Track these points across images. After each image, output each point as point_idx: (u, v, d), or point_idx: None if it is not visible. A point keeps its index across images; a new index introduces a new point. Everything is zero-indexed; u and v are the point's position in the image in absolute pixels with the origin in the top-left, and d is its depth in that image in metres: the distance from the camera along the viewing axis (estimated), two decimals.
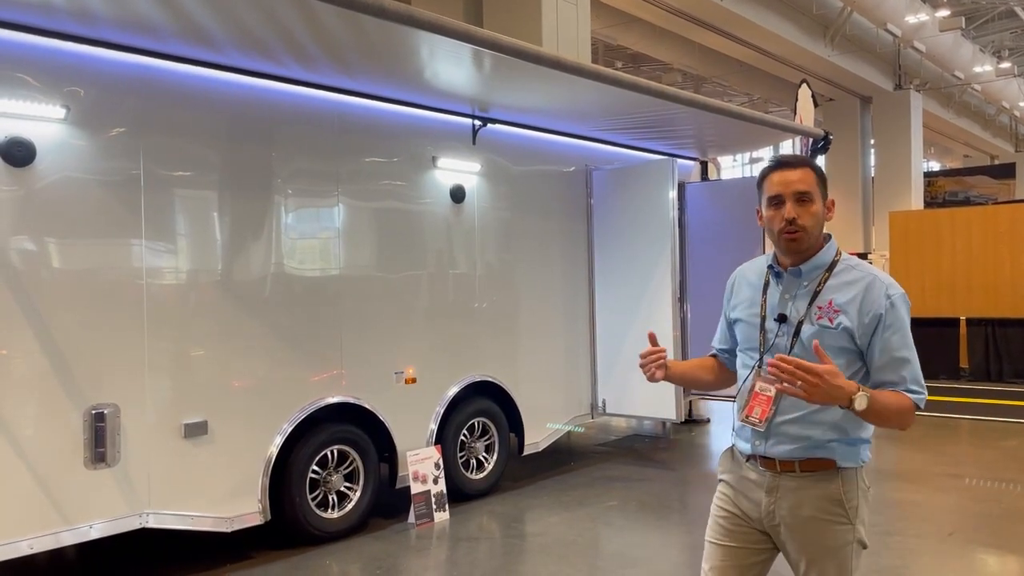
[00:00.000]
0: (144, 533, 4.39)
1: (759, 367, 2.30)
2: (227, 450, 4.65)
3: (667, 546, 5.08)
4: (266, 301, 4.87)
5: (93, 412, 4.12)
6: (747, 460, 2.35)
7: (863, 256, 20.37)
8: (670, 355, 6.71)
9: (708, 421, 8.96)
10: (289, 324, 4.97)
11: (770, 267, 2.36)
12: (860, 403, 2.05)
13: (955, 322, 11.96)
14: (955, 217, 12.39)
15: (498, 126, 6.28)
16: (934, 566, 4.67)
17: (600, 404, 7.22)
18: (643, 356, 2.49)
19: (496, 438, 6.28)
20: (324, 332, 5.15)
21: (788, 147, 13.21)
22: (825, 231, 2.33)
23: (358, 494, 5.29)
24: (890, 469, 6.90)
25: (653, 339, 2.57)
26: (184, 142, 4.52)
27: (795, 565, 2.32)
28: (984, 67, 25.26)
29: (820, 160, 8.81)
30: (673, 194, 6.80)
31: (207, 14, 3.94)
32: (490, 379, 6.23)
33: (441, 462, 5.65)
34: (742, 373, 2.40)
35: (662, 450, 7.71)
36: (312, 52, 4.54)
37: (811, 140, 7.99)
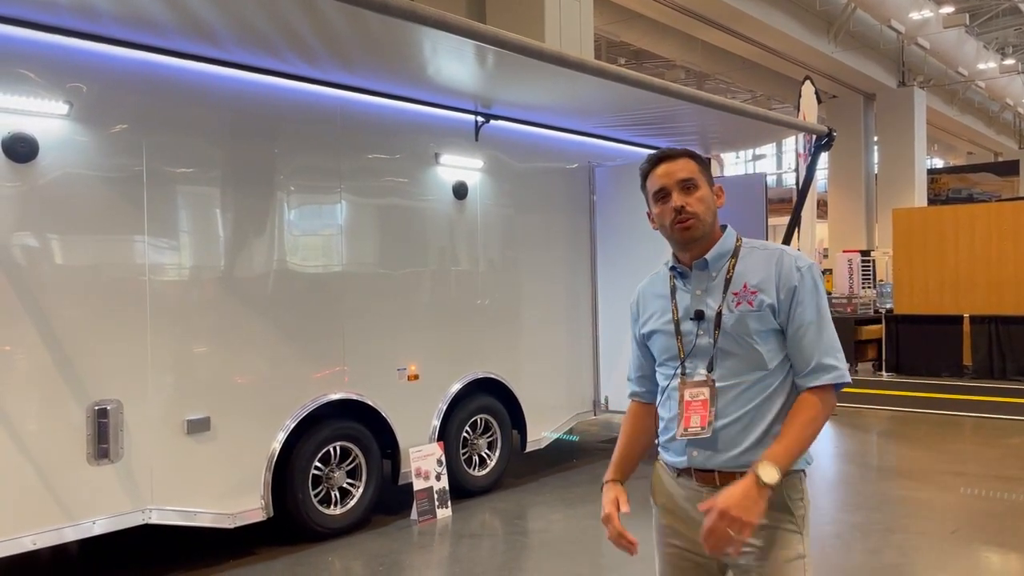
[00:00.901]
0: (147, 529, 4.39)
1: (682, 374, 2.10)
2: (230, 446, 4.65)
3: None
4: (269, 298, 4.87)
5: (96, 408, 4.12)
6: (678, 475, 2.12)
7: (866, 254, 20.34)
8: None
9: None
10: (292, 320, 4.97)
11: (672, 268, 2.22)
12: (769, 475, 1.85)
13: (958, 319, 11.93)
14: (958, 214, 12.36)
15: (501, 122, 6.28)
16: (936, 564, 4.66)
17: (603, 401, 7.22)
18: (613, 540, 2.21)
19: (498, 435, 6.28)
20: (327, 328, 5.15)
21: (791, 144, 13.18)
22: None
23: (360, 490, 5.29)
24: (892, 467, 6.90)
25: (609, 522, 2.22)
26: (187, 138, 4.52)
27: None
28: (988, 64, 25.19)
29: (823, 157, 8.79)
30: None
31: (210, 10, 3.94)
32: (493, 376, 6.23)
33: (443, 459, 5.65)
34: (665, 387, 2.16)
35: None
36: (315, 48, 4.53)
37: (814, 137, 7.97)
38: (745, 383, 2.04)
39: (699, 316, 2.09)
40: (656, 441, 2.22)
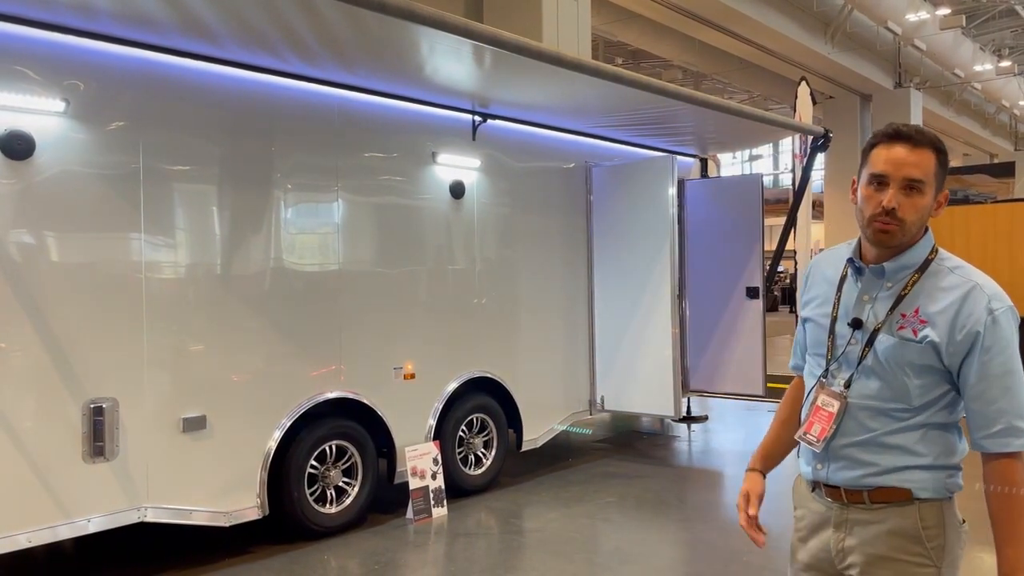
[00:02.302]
0: (142, 527, 4.39)
1: (824, 378, 1.95)
2: (226, 445, 4.65)
3: (665, 543, 5.09)
4: (265, 296, 4.87)
5: (92, 406, 4.12)
6: (812, 489, 2.02)
7: None
8: (667, 352, 6.77)
9: (706, 418, 8.97)
10: (288, 319, 4.97)
11: (850, 260, 1.95)
12: None
13: None
14: (954, 216, 12.38)
15: (498, 122, 6.28)
16: None
17: (599, 400, 7.23)
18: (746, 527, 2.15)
19: (494, 434, 6.29)
20: (323, 327, 5.15)
21: (788, 144, 13.19)
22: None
23: (356, 489, 5.29)
24: None
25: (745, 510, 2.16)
26: (184, 136, 4.52)
27: None
28: (984, 65, 25.25)
29: (820, 158, 8.81)
30: (673, 191, 6.80)
31: (208, 8, 3.93)
32: (489, 375, 6.23)
33: (439, 458, 5.66)
34: (808, 382, 2.04)
35: (660, 447, 7.72)
36: (313, 47, 4.53)
37: (811, 138, 7.99)
38: (881, 409, 1.87)
39: (856, 324, 1.91)
40: (796, 436, 2.05)
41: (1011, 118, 33.99)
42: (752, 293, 7.73)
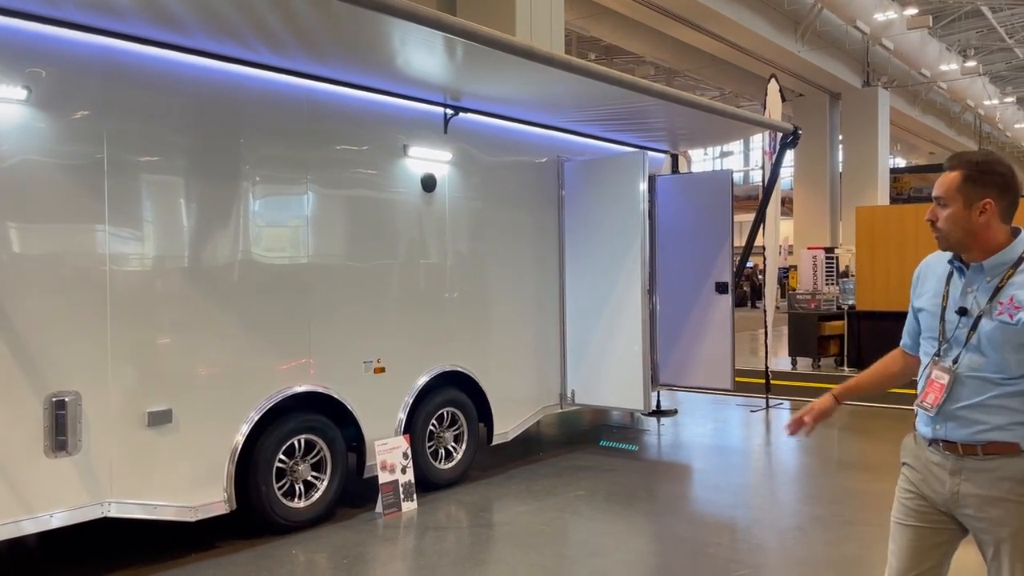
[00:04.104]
0: (107, 523, 4.33)
1: (937, 356, 2.42)
2: (192, 439, 4.60)
3: (633, 535, 5.12)
4: (233, 289, 4.82)
5: (54, 400, 4.05)
6: (929, 444, 2.46)
7: (829, 251, 20.61)
8: (637, 347, 6.81)
9: (675, 412, 9.04)
10: (257, 312, 4.92)
11: (951, 261, 2.45)
12: None
13: None
14: (920, 213, 12.49)
15: (470, 115, 6.26)
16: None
17: (569, 395, 7.26)
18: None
19: (465, 428, 6.29)
20: (292, 321, 5.11)
21: (759, 141, 13.31)
22: (1014, 225, 2.39)
23: (325, 483, 5.26)
24: (852, 460, 7.02)
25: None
26: (150, 126, 4.45)
27: (983, 546, 2.38)
28: (950, 65, 25.67)
29: (789, 155, 8.90)
30: (644, 186, 6.83)
31: None
32: (460, 369, 6.22)
33: (409, 452, 5.64)
34: (923, 360, 2.52)
35: (630, 440, 7.76)
36: (282, 37, 4.48)
37: (780, 135, 8.07)
38: (986, 378, 2.31)
39: (962, 312, 2.37)
40: (914, 405, 2.53)
41: (976, 118, 34.60)
42: (721, 288, 7.80)
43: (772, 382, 9.88)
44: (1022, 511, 2.30)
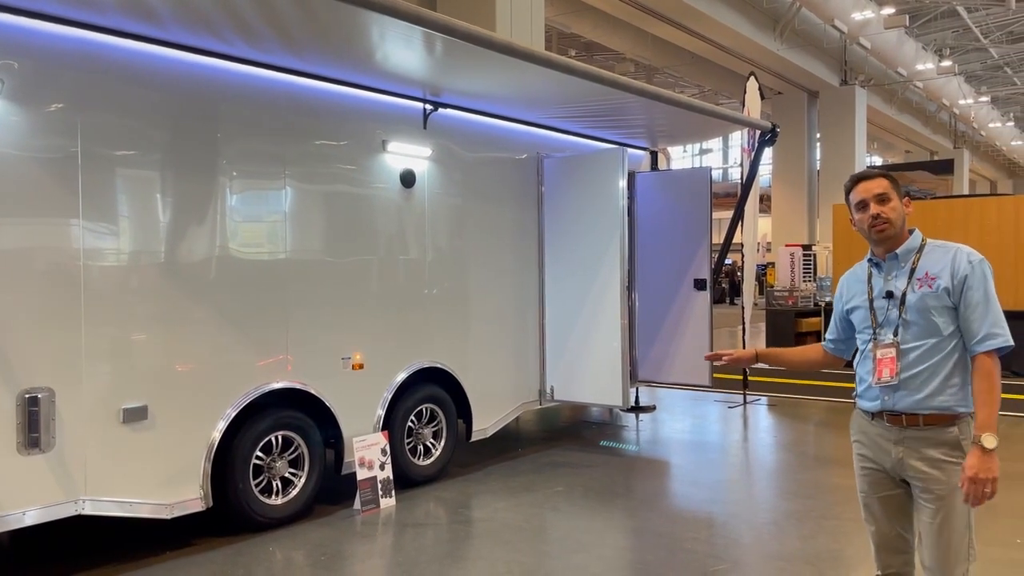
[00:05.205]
0: (82, 520, 4.29)
1: (875, 338, 2.82)
2: (168, 435, 4.56)
3: (612, 530, 5.14)
4: (210, 284, 4.78)
5: (27, 396, 4.00)
6: (872, 418, 2.84)
7: (807, 248, 20.78)
8: (616, 343, 6.84)
9: (654, 408, 9.08)
10: (234, 308, 4.88)
11: (869, 260, 2.90)
12: (990, 441, 2.57)
13: None
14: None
15: (450, 111, 6.25)
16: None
17: (548, 391, 7.27)
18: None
19: (444, 424, 6.28)
20: (270, 316, 5.08)
21: (738, 139, 13.39)
22: (909, 225, 2.86)
23: (303, 480, 5.24)
24: (828, 456, 7.09)
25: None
26: (125, 120, 4.39)
27: (921, 506, 2.75)
28: (926, 65, 25.92)
29: (767, 152, 8.95)
30: (623, 183, 6.85)
31: None
32: (439, 365, 6.22)
33: (388, 448, 5.63)
34: (861, 348, 2.90)
35: (608, 436, 7.79)
36: (259, 30, 4.44)
37: (759, 132, 8.11)
38: (924, 345, 2.72)
39: (889, 295, 2.81)
40: (853, 394, 2.97)
41: (951, 117, 35.01)
42: (700, 285, 7.84)
43: (750, 378, 9.95)
44: (953, 471, 2.68)
